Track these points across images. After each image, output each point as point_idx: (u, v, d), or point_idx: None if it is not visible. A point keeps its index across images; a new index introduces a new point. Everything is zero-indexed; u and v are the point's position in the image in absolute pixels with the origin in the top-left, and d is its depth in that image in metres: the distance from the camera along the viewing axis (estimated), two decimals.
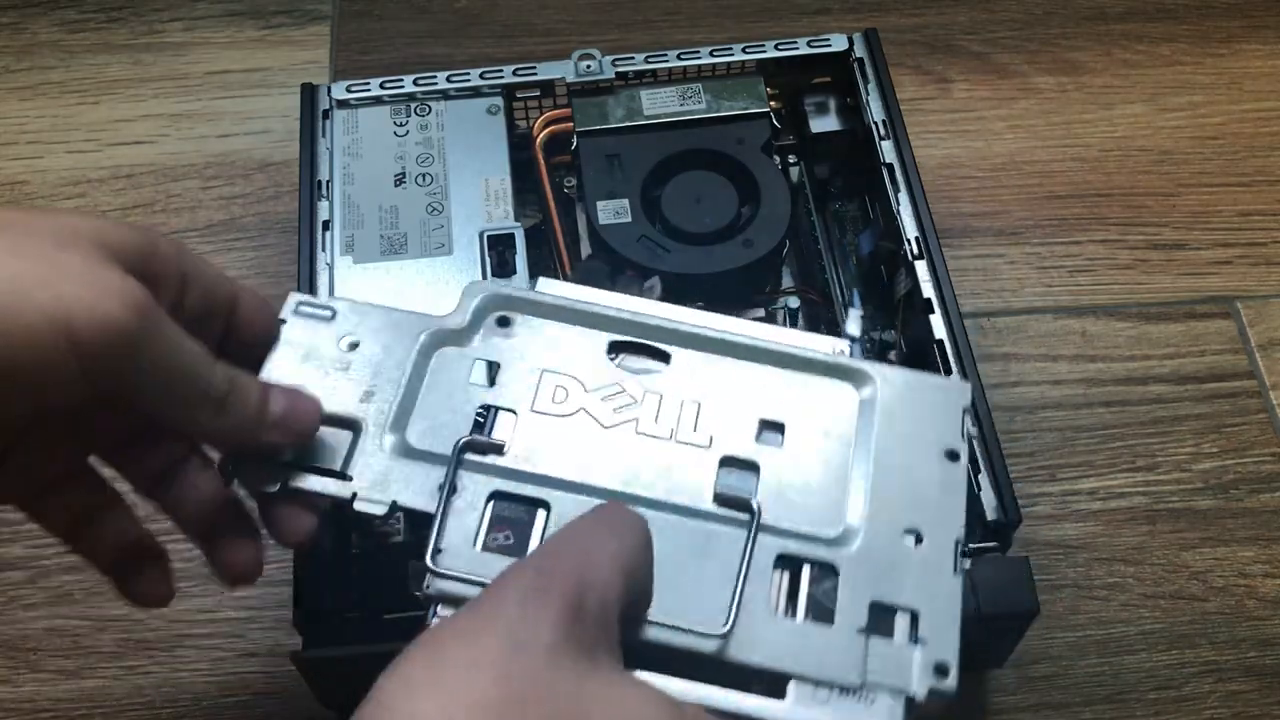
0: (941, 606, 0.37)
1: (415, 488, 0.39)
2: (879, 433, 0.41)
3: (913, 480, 0.40)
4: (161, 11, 0.75)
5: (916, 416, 0.41)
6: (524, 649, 0.29)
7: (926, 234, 0.53)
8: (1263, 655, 0.53)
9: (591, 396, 0.41)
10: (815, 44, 0.59)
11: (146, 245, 0.35)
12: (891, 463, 0.40)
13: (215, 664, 0.53)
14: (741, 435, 0.40)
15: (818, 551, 0.38)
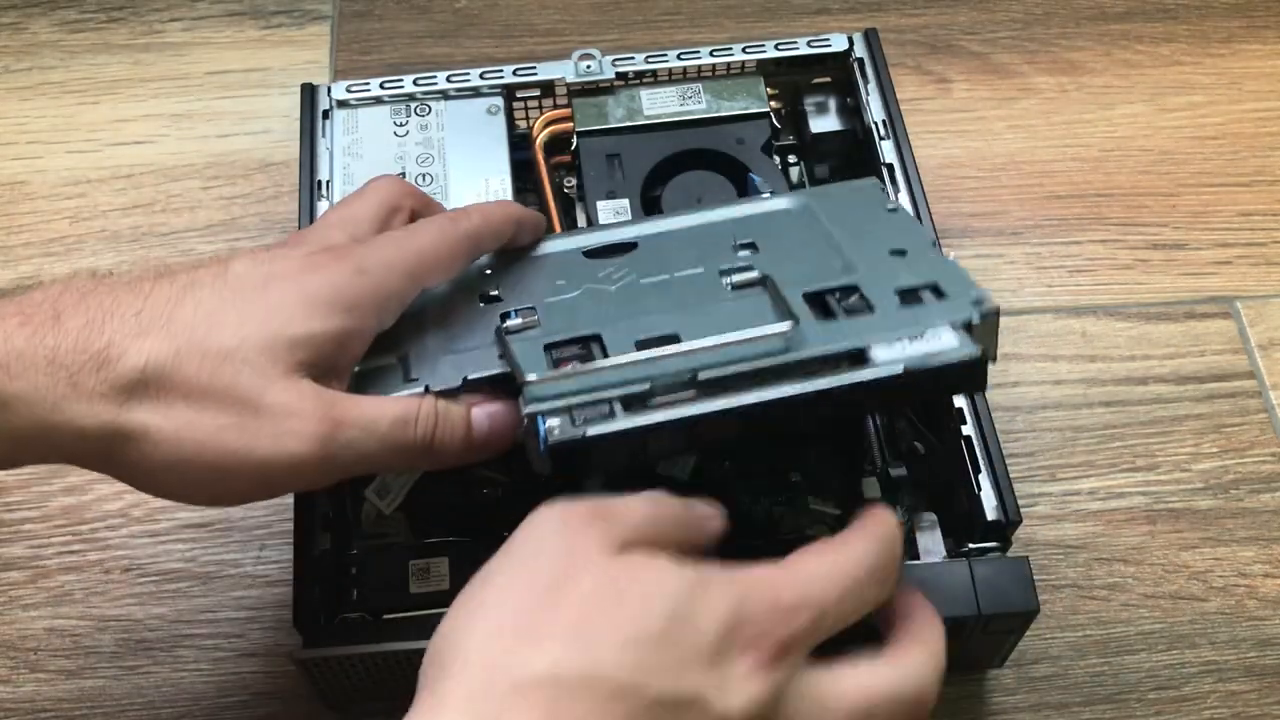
0: (951, 273, 0.43)
1: (478, 364, 0.42)
2: (829, 218, 0.48)
3: (875, 231, 0.46)
4: (161, 11, 0.75)
5: (851, 206, 0.48)
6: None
7: None
8: (1263, 655, 0.53)
9: (588, 280, 0.46)
10: (815, 44, 0.59)
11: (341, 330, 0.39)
12: (852, 229, 0.47)
13: (215, 664, 0.53)
14: (725, 253, 0.46)
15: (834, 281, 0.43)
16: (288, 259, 0.40)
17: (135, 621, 0.54)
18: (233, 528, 0.56)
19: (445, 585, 0.46)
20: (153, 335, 0.37)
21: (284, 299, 0.38)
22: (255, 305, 0.38)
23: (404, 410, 0.40)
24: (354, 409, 0.39)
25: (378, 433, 0.39)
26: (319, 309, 0.39)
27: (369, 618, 0.45)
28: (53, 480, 0.58)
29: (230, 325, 0.37)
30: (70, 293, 0.37)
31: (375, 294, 0.40)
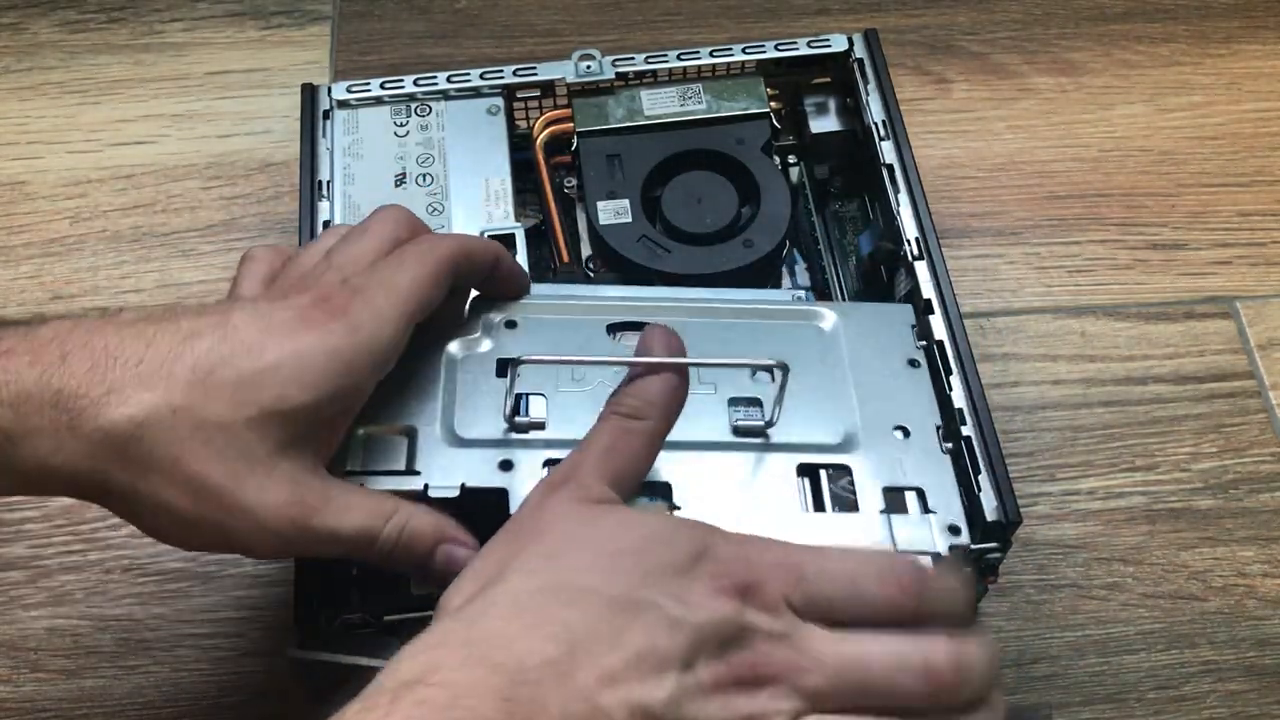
0: (940, 480, 0.45)
1: (477, 471, 0.44)
2: (848, 356, 0.48)
3: (888, 388, 0.47)
4: (162, 12, 0.75)
5: (875, 339, 0.49)
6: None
7: (926, 234, 0.53)
8: (1262, 655, 0.53)
9: (605, 371, 0.46)
10: (815, 44, 0.59)
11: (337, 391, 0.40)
12: (868, 378, 0.47)
13: (215, 664, 0.53)
14: (739, 378, 0.47)
15: (829, 457, 0.45)
16: (286, 311, 0.40)
17: (135, 621, 0.54)
18: None
19: (445, 585, 0.45)
20: (152, 388, 0.37)
21: (280, 363, 0.39)
22: (250, 368, 0.38)
23: (370, 523, 0.40)
24: (322, 513, 0.39)
25: (339, 538, 0.40)
26: (312, 376, 0.39)
27: (369, 619, 0.45)
28: None
29: (226, 389, 0.38)
30: (78, 332, 0.38)
31: (371, 350, 0.40)
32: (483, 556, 0.37)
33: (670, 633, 0.34)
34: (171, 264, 0.65)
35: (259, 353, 0.39)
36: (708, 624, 0.34)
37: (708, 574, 0.35)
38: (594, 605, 0.34)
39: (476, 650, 0.33)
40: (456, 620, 0.34)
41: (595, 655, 0.33)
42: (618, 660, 0.33)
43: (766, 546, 0.37)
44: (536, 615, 0.34)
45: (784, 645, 0.35)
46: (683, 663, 0.34)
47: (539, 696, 0.32)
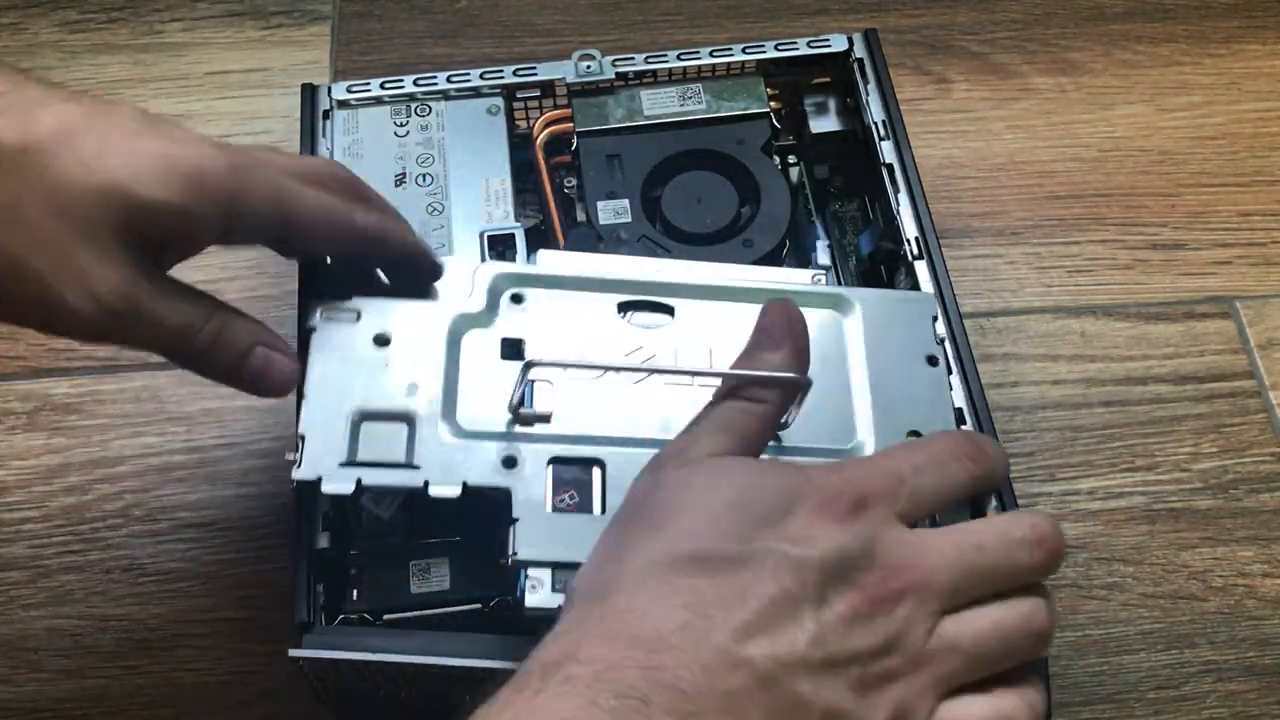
0: None
1: (479, 467, 0.43)
2: (866, 350, 0.47)
3: (904, 388, 0.46)
4: (162, 12, 0.75)
5: (894, 330, 0.47)
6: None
7: (926, 234, 0.53)
8: (1262, 655, 0.54)
9: (615, 357, 0.46)
10: (815, 44, 0.59)
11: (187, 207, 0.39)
12: (883, 375, 0.46)
13: (215, 664, 0.53)
14: None
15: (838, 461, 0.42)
16: (177, 125, 0.40)
17: (135, 621, 0.54)
18: (233, 528, 0.56)
19: (445, 585, 0.45)
20: (9, 119, 0.37)
21: (148, 152, 0.38)
22: (118, 145, 0.38)
23: (189, 322, 0.40)
24: (147, 302, 0.39)
25: (160, 330, 0.40)
26: (175, 178, 0.38)
27: (369, 618, 0.45)
28: (53, 480, 0.58)
29: (85, 152, 0.37)
30: None
31: (234, 195, 0.40)
32: (602, 539, 0.38)
33: (795, 573, 0.34)
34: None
35: (132, 136, 0.38)
36: (830, 554, 0.35)
37: (816, 504, 0.36)
38: (714, 566, 0.34)
39: (612, 626, 0.33)
40: (587, 604, 0.35)
41: (727, 613, 0.33)
42: (749, 613, 0.33)
43: (860, 463, 0.39)
44: (661, 587, 0.34)
45: (906, 551, 0.36)
46: (816, 598, 0.34)
47: (680, 661, 0.32)
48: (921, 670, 0.35)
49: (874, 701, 0.34)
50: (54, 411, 0.60)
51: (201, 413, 0.60)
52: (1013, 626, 0.36)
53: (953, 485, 0.38)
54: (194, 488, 0.57)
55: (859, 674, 0.34)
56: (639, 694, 0.31)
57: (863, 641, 0.34)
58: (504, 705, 0.32)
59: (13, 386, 0.60)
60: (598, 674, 0.32)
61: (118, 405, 0.60)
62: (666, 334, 0.47)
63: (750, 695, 0.33)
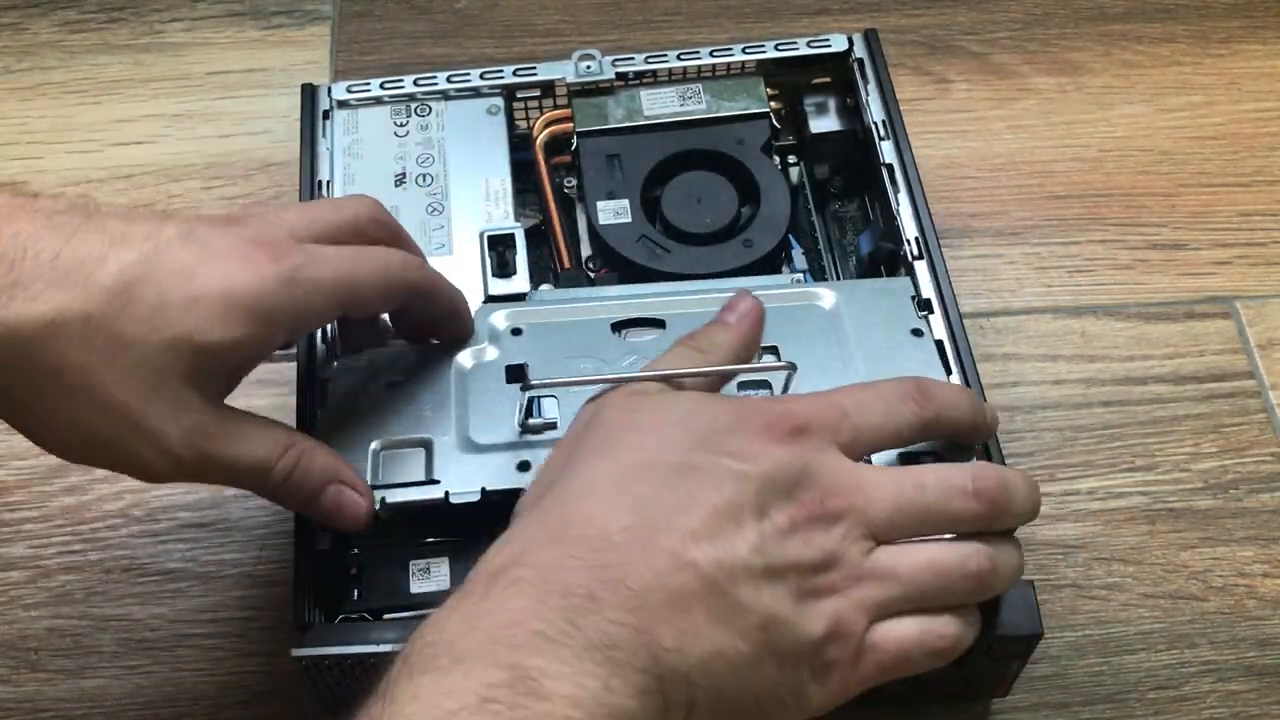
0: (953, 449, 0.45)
1: (495, 474, 0.45)
2: (851, 334, 0.49)
3: (895, 360, 0.48)
4: (162, 12, 0.75)
5: (877, 314, 0.49)
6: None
7: (926, 234, 0.53)
8: (1262, 655, 0.53)
9: (615, 368, 0.48)
10: (815, 44, 0.59)
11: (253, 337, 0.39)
12: (873, 353, 0.48)
13: (215, 664, 0.53)
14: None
15: None
16: (225, 238, 0.39)
17: (135, 621, 0.54)
18: (233, 528, 0.56)
19: (445, 585, 0.45)
20: (67, 290, 0.36)
21: (206, 294, 0.37)
22: (176, 294, 0.37)
23: (264, 459, 0.40)
24: (223, 442, 0.39)
25: (237, 468, 0.40)
26: (236, 316, 0.38)
27: (369, 618, 0.45)
28: (53, 480, 0.58)
29: (146, 308, 0.37)
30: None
31: (296, 310, 0.40)
32: (546, 463, 0.40)
33: (738, 484, 0.36)
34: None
35: (187, 278, 0.37)
36: (772, 468, 0.36)
37: (757, 426, 0.37)
38: (659, 475, 0.36)
39: (558, 531, 0.35)
40: (533, 514, 0.36)
41: (673, 518, 0.35)
42: (695, 519, 0.35)
43: (802, 397, 0.40)
44: (608, 493, 0.36)
45: (846, 477, 0.38)
46: (757, 509, 0.36)
47: (626, 559, 0.34)
48: (857, 587, 0.37)
49: (811, 611, 0.36)
50: None
51: None
52: (948, 565, 0.38)
53: (895, 424, 0.40)
54: (194, 488, 0.57)
55: (797, 584, 0.36)
56: (586, 591, 0.33)
57: (801, 554, 0.36)
58: (451, 610, 0.33)
59: None
60: (544, 575, 0.33)
61: None
62: (660, 345, 0.48)
63: (695, 595, 0.34)
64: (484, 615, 0.33)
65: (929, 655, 0.38)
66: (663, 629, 0.33)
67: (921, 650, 0.38)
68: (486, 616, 0.32)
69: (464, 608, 0.33)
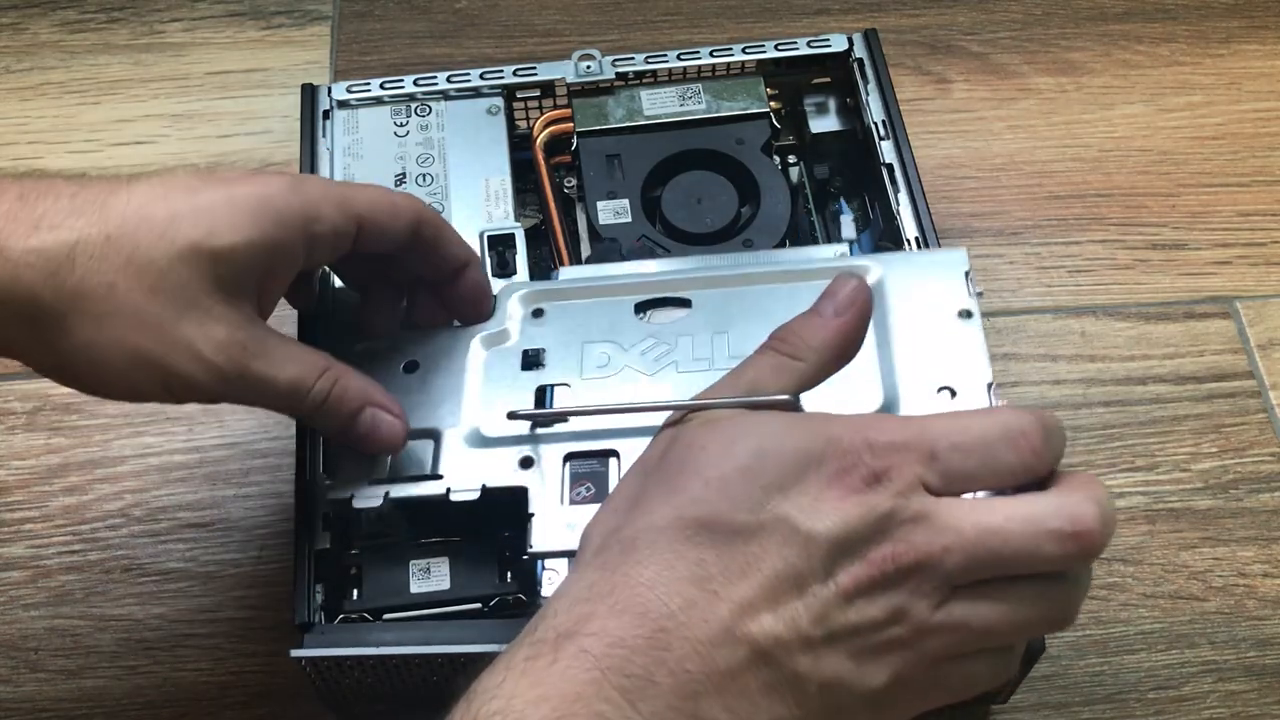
0: None
1: (498, 470, 0.44)
2: (894, 310, 0.45)
3: (934, 344, 0.44)
4: (162, 12, 0.75)
5: (924, 290, 0.46)
6: None
7: (926, 234, 0.53)
8: (1262, 655, 0.53)
9: (631, 354, 0.47)
10: (815, 44, 0.59)
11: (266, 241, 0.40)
12: (912, 334, 0.45)
13: (215, 664, 0.53)
14: None
15: None
16: (230, 171, 0.42)
17: (135, 621, 0.54)
18: (233, 528, 0.56)
19: (445, 585, 0.45)
20: (86, 216, 0.38)
21: (213, 203, 0.39)
22: (184, 205, 0.39)
23: (301, 379, 0.41)
24: (260, 358, 0.40)
25: (274, 385, 0.40)
26: (244, 217, 0.39)
27: (369, 618, 0.45)
28: (53, 480, 0.58)
29: (159, 223, 0.38)
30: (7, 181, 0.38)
31: (305, 211, 0.40)
32: (618, 491, 0.38)
33: (803, 548, 0.34)
34: None
35: (193, 193, 0.39)
36: (840, 529, 0.34)
37: (833, 472, 0.35)
38: (721, 535, 0.34)
39: (622, 599, 0.34)
40: (600, 570, 0.35)
41: (732, 588, 0.34)
42: (753, 589, 0.34)
43: (891, 427, 0.36)
44: (670, 555, 0.34)
45: (921, 528, 0.34)
46: (822, 573, 0.34)
47: (685, 636, 0.33)
48: (924, 640, 0.34)
49: (873, 668, 0.34)
50: (54, 411, 0.60)
51: (201, 412, 0.59)
52: (1026, 617, 0.35)
53: (996, 473, 0.36)
54: (194, 488, 0.57)
55: (860, 644, 0.34)
56: (645, 674, 0.32)
57: (865, 615, 0.34)
58: (521, 673, 0.33)
59: (13, 386, 0.60)
60: (607, 649, 0.33)
61: (118, 405, 0.59)
62: (685, 326, 0.47)
63: (751, 671, 0.33)
64: (550, 685, 0.32)
65: (995, 682, 0.37)
66: (718, 712, 0.33)
67: (990, 682, 0.37)
68: (552, 687, 0.32)
69: (533, 671, 0.33)
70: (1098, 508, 0.35)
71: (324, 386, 0.41)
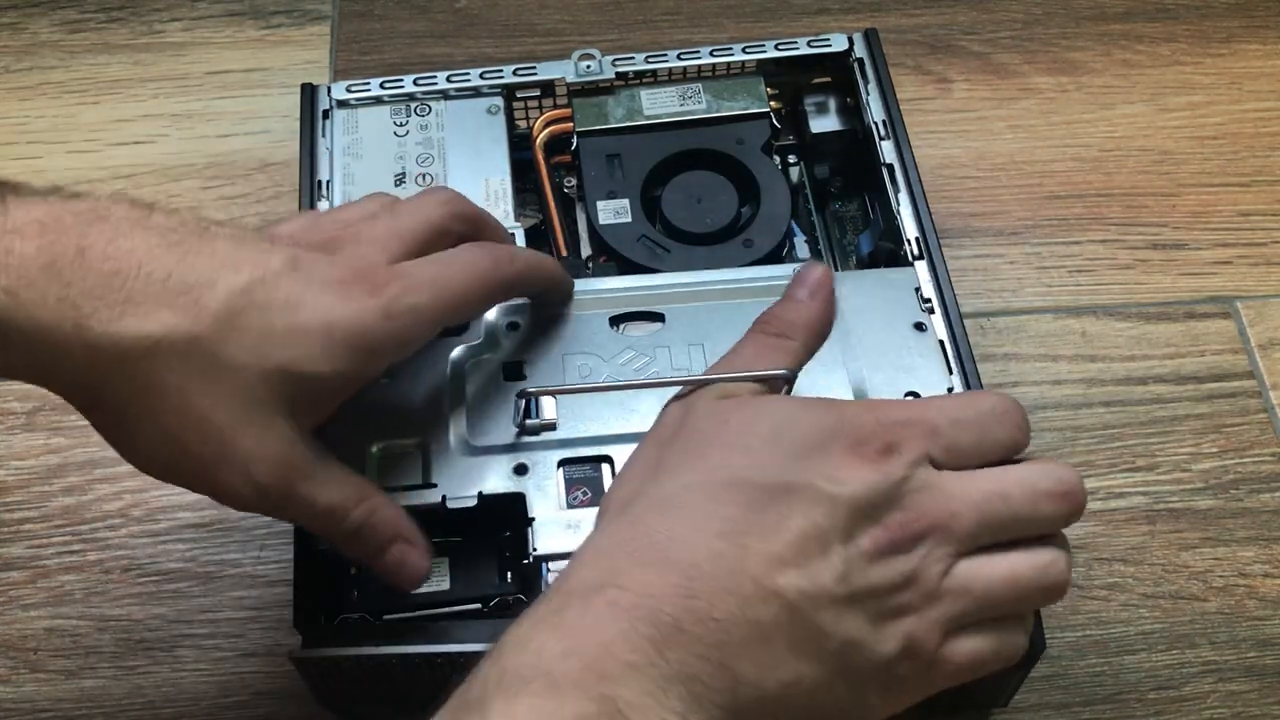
0: None
1: (493, 477, 0.45)
2: (854, 326, 0.48)
3: (896, 354, 0.48)
4: (161, 11, 0.75)
5: (880, 305, 0.49)
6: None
7: (926, 234, 0.53)
8: (1263, 655, 0.53)
9: (612, 365, 0.48)
10: (815, 44, 0.59)
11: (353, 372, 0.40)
12: (874, 346, 0.48)
13: (215, 664, 0.53)
14: None
15: None
16: (328, 269, 0.39)
17: (135, 621, 0.54)
18: (233, 528, 0.56)
19: (445, 585, 0.45)
20: (176, 311, 0.36)
21: (309, 327, 0.38)
22: (280, 323, 0.38)
23: (340, 505, 0.40)
24: (307, 480, 0.39)
25: (314, 508, 0.40)
26: (338, 349, 0.39)
27: (369, 618, 0.45)
28: (53, 480, 0.58)
29: (251, 336, 0.37)
30: (101, 227, 0.36)
31: (397, 340, 0.40)
32: (635, 460, 0.39)
33: (826, 509, 0.36)
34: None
35: (292, 310, 0.38)
36: (861, 493, 0.36)
37: (849, 444, 0.37)
38: (748, 495, 0.36)
39: (650, 552, 0.35)
40: (624, 525, 0.36)
41: (761, 543, 0.35)
42: (782, 545, 0.35)
43: (895, 407, 0.39)
44: (698, 514, 0.35)
45: (931, 495, 0.37)
46: (844, 534, 0.36)
47: (715, 588, 0.34)
48: (933, 605, 0.36)
49: (887, 632, 0.36)
50: (53, 411, 0.60)
51: None
52: (1027, 578, 0.38)
53: (990, 447, 0.39)
54: None
55: (875, 607, 0.36)
56: (674, 622, 0.33)
57: (882, 577, 0.36)
58: (551, 626, 0.33)
59: (12, 386, 0.60)
60: (636, 600, 0.33)
61: None
62: (659, 339, 0.49)
63: (778, 625, 0.34)
64: (579, 637, 0.33)
65: (999, 662, 0.38)
66: (744, 663, 0.34)
67: (994, 661, 0.38)
68: (581, 639, 0.33)
69: (563, 625, 0.33)
70: (1073, 472, 0.39)
71: (360, 516, 0.41)
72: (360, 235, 0.42)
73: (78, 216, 0.36)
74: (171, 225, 0.38)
